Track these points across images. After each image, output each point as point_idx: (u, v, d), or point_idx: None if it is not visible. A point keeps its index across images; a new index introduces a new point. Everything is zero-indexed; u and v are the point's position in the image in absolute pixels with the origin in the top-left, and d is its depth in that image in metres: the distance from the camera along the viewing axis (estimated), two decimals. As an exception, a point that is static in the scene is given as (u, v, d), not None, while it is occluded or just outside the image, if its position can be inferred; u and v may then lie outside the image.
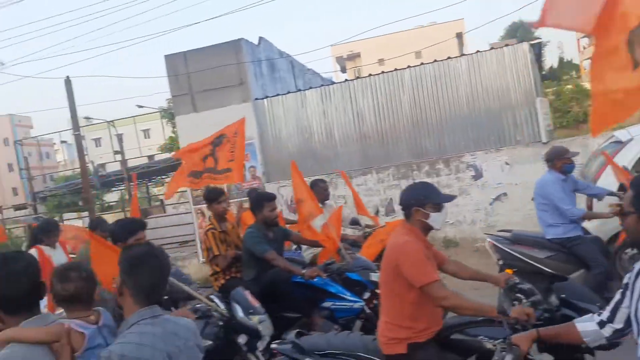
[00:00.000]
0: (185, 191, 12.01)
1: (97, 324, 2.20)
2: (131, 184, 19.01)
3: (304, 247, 6.32)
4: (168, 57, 10.68)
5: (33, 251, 4.90)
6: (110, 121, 21.36)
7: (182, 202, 16.79)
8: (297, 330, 3.62)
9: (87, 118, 22.86)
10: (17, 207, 37.89)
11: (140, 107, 23.20)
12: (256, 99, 10.48)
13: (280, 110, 10.54)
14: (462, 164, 9.45)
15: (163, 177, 24.86)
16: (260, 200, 5.13)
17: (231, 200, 7.41)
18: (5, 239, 10.11)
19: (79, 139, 10.45)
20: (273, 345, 3.59)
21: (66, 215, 22.17)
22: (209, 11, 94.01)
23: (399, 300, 2.98)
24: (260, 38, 11.42)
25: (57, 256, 5.38)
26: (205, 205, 6.36)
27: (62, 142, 69.83)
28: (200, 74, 10.27)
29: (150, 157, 31.39)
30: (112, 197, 28.95)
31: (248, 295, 4.21)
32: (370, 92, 10.15)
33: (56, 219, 19.43)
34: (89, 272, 2.32)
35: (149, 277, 2.11)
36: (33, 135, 49.44)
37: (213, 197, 5.49)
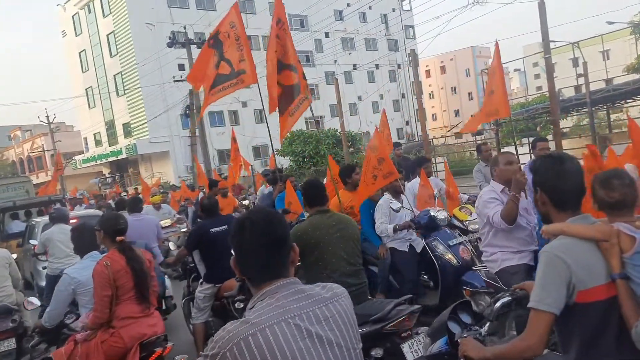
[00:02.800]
0: None
1: (643, 229, 2.12)
2: (593, 108, 17.95)
3: None
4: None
5: None
6: (575, 42, 20.35)
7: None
8: None
9: (551, 42, 22.47)
10: (476, 133, 41.58)
11: (611, 23, 21.16)
12: None
13: None
14: None
15: (629, 101, 22.44)
16: None
17: None
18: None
19: (549, 61, 10.37)
20: None
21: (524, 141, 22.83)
22: None
23: None
24: None
25: None
26: None
27: (516, 70, 71.75)
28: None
29: (608, 80, 28.73)
30: (566, 123, 28.16)
31: None
32: None
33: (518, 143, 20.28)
34: (631, 179, 2.25)
35: None
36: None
37: None
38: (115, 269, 3.63)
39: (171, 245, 7.91)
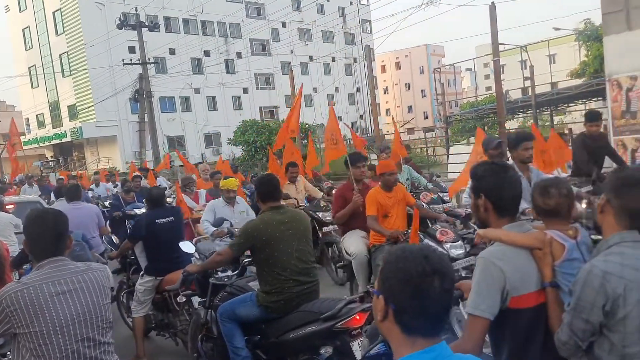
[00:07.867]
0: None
1: (575, 238, 2.19)
2: (538, 111, 18.63)
3: None
4: (604, -31, 9.54)
5: None
6: (523, 46, 21.05)
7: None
8: None
9: (501, 44, 23.11)
10: (427, 130, 42.40)
11: (557, 29, 21.98)
12: None
13: None
14: None
15: (571, 105, 23.40)
16: None
17: None
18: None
19: (497, 64, 10.64)
20: None
21: (472, 140, 23.45)
22: None
23: None
24: None
25: None
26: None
27: (467, 69, 73.40)
28: (642, -16, 8.84)
29: (554, 84, 29.81)
30: (511, 124, 29.07)
31: None
32: None
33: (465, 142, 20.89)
34: (569, 189, 2.31)
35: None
36: (444, 63, 53.17)
37: None
38: None
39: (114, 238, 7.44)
